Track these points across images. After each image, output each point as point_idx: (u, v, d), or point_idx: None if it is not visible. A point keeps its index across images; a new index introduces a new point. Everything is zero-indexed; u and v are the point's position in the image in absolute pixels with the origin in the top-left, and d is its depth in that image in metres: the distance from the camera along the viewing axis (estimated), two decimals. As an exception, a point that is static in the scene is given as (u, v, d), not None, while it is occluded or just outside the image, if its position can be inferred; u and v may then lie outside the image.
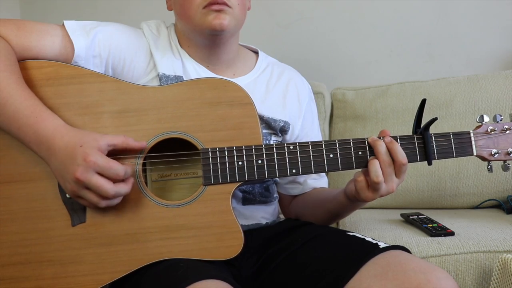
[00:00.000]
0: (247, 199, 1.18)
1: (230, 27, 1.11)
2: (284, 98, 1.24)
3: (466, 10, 1.99)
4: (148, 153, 1.02)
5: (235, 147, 1.02)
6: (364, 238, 1.03)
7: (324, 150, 1.04)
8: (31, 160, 0.99)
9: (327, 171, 1.05)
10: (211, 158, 1.01)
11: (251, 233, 1.13)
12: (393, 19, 2.04)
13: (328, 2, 2.07)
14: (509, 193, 1.63)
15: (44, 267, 0.98)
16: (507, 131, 1.08)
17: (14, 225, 0.99)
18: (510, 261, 1.07)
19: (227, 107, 1.04)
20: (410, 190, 1.70)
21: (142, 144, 0.99)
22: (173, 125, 1.02)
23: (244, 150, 1.02)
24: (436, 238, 1.23)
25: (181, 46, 1.19)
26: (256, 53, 1.30)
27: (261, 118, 1.16)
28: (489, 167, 1.08)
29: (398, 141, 1.04)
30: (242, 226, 1.02)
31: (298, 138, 1.26)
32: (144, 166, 1.04)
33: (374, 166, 1.00)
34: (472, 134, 1.08)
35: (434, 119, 1.04)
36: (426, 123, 1.05)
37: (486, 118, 1.08)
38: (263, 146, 1.03)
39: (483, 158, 1.08)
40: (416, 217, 1.41)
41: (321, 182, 1.29)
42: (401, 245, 1.00)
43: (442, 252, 1.18)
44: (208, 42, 1.16)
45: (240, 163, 1.02)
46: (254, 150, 1.02)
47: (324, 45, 2.08)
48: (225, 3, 1.10)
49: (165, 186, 1.09)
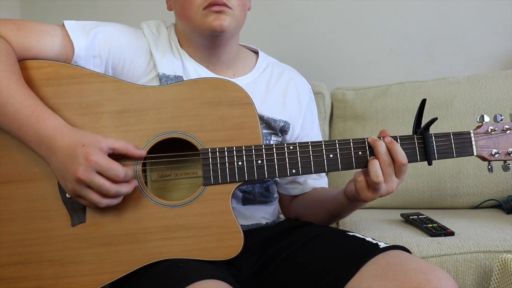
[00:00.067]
0: (247, 199, 1.18)
1: (230, 28, 1.11)
2: (284, 98, 1.24)
3: (466, 10, 1.99)
4: (148, 153, 1.02)
5: (235, 147, 1.02)
6: (364, 238, 1.03)
7: (324, 150, 1.04)
8: (31, 160, 0.99)
9: (327, 171, 1.05)
10: (211, 158, 1.01)
11: (251, 233, 1.13)
12: (393, 19, 2.04)
13: (328, 2, 2.07)
14: (509, 193, 1.63)
15: (44, 267, 0.98)
16: (508, 131, 1.08)
17: (14, 225, 0.99)
18: (510, 261, 1.07)
19: (227, 107, 1.04)
20: (410, 190, 1.70)
21: (141, 153, 0.99)
22: (173, 125, 1.02)
23: (244, 150, 1.02)
24: (436, 238, 1.23)
25: (181, 46, 1.19)
26: (256, 53, 1.30)
27: (261, 118, 1.16)
28: (489, 167, 1.08)
29: (398, 141, 1.04)
30: (242, 226, 1.02)
31: (298, 138, 1.26)
32: (144, 166, 1.04)
33: (374, 166, 1.00)
34: (472, 134, 1.07)
35: (434, 119, 1.04)
36: (426, 123, 1.05)
37: (487, 118, 1.08)
38: (263, 146, 1.03)
39: (484, 158, 1.08)
40: (416, 217, 1.41)
41: (321, 182, 1.29)
42: (401, 245, 1.00)
43: (442, 252, 1.18)
44: (208, 42, 1.16)
45: (240, 163, 1.02)
46: (254, 150, 1.02)
47: (324, 45, 2.08)
48: (225, 4, 1.09)
49: (165, 186, 1.09)
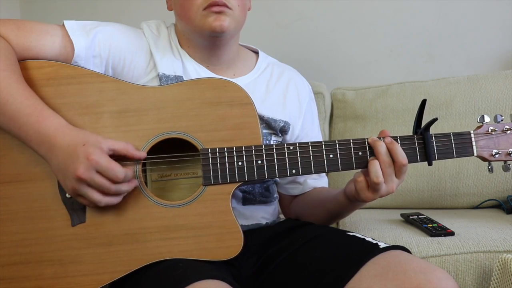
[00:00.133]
0: (247, 199, 1.18)
1: (230, 29, 1.11)
2: (284, 98, 1.24)
3: (466, 10, 1.99)
4: (148, 153, 1.01)
5: (235, 148, 1.02)
6: (364, 238, 1.03)
7: (324, 150, 1.04)
8: (31, 160, 0.99)
9: (327, 172, 1.05)
10: (211, 158, 1.01)
11: (251, 233, 1.13)
12: (393, 19, 2.04)
13: (328, 2, 2.07)
14: (509, 193, 1.63)
15: (44, 267, 0.98)
16: (508, 132, 1.07)
17: (14, 225, 0.99)
18: (510, 261, 1.07)
19: (227, 107, 1.04)
20: (410, 190, 1.70)
21: (141, 154, 0.99)
22: (173, 125, 1.02)
23: (244, 151, 1.02)
24: (436, 238, 1.23)
25: (181, 46, 1.19)
26: (256, 53, 1.30)
27: (261, 118, 1.16)
28: (489, 168, 1.08)
29: (399, 141, 1.04)
30: (242, 226, 1.02)
31: (298, 138, 1.26)
32: (144, 166, 1.04)
33: (374, 166, 1.00)
34: (472, 135, 1.07)
35: (435, 120, 1.04)
36: (427, 124, 1.05)
37: (487, 119, 1.08)
38: (263, 146, 1.03)
39: (484, 159, 1.08)
40: (416, 217, 1.41)
41: (321, 182, 1.29)
42: (401, 245, 1.00)
43: (442, 252, 1.18)
44: (208, 43, 1.16)
45: (240, 164, 1.02)
46: (254, 150, 1.02)
47: (324, 45, 2.08)
48: (225, 5, 1.09)
49: (165, 186, 1.09)
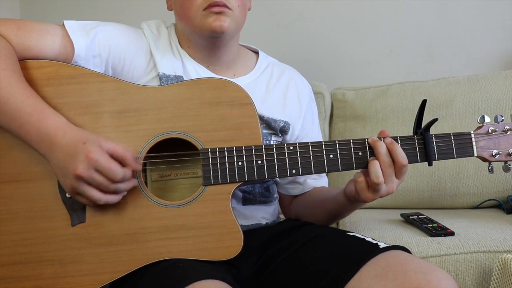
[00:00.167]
0: (247, 199, 1.18)
1: (230, 29, 1.11)
2: (284, 98, 1.24)
3: (466, 10, 1.99)
4: (148, 153, 1.02)
5: (235, 147, 1.02)
6: (364, 238, 1.03)
7: (324, 150, 1.04)
8: (32, 159, 0.99)
9: (327, 172, 1.05)
10: (211, 158, 1.01)
11: (251, 233, 1.13)
12: (393, 19, 2.04)
13: (328, 2, 2.07)
14: (509, 193, 1.63)
15: (43, 267, 0.98)
16: (508, 132, 1.07)
17: (14, 224, 0.99)
18: (510, 261, 1.07)
19: (227, 107, 1.03)
20: (410, 190, 1.70)
21: (137, 167, 0.97)
22: (173, 125, 1.02)
23: (244, 151, 1.02)
24: (436, 238, 1.23)
25: (181, 46, 1.19)
26: (256, 53, 1.30)
27: (261, 118, 1.16)
28: (489, 168, 1.08)
29: (399, 141, 1.04)
30: (242, 226, 1.02)
31: (298, 138, 1.26)
32: (144, 166, 1.04)
33: (375, 167, 1.00)
34: (473, 135, 1.07)
35: (435, 120, 1.04)
36: (427, 124, 1.05)
37: (487, 119, 1.08)
38: (263, 146, 1.03)
39: (484, 159, 1.08)
40: (416, 217, 1.41)
41: (321, 182, 1.29)
42: (401, 245, 1.00)
43: (442, 252, 1.18)
44: (208, 43, 1.16)
45: (240, 164, 1.02)
46: (254, 150, 1.02)
47: (324, 45, 2.08)
48: (225, 5, 1.09)
49: (165, 186, 1.09)
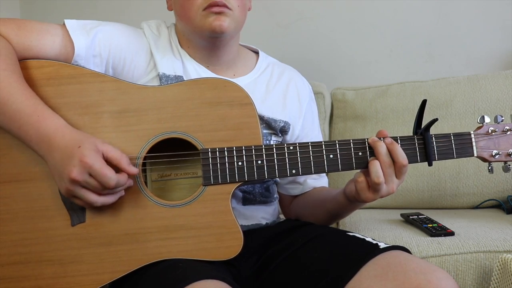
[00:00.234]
0: (247, 199, 1.18)
1: (230, 29, 1.11)
2: (284, 98, 1.24)
3: (466, 10, 1.99)
4: (148, 153, 1.01)
5: (235, 147, 1.02)
6: (364, 239, 1.03)
7: (324, 150, 1.04)
8: (32, 159, 0.99)
9: (327, 172, 1.05)
10: (211, 158, 1.01)
11: (251, 233, 1.13)
12: (393, 19, 2.04)
13: (328, 2, 2.07)
14: (509, 193, 1.63)
15: (43, 267, 0.98)
16: (508, 132, 1.07)
17: (14, 224, 0.99)
18: (510, 261, 1.07)
19: (227, 107, 1.03)
20: (410, 190, 1.70)
21: (134, 170, 0.96)
22: (173, 125, 1.02)
23: (244, 151, 1.02)
24: (436, 238, 1.23)
25: (181, 46, 1.19)
26: (256, 53, 1.30)
27: (261, 118, 1.16)
28: (489, 168, 1.08)
29: (399, 141, 1.04)
30: (242, 226, 1.02)
31: (299, 139, 1.26)
32: (144, 166, 1.04)
33: (375, 166, 1.00)
34: (472, 135, 1.07)
35: (435, 120, 1.04)
36: (427, 124, 1.05)
37: (487, 119, 1.08)
38: (263, 146, 1.03)
39: (484, 159, 1.08)
40: (416, 217, 1.41)
41: (321, 182, 1.29)
42: (401, 245, 1.00)
43: (442, 252, 1.18)
44: (208, 43, 1.16)
45: (240, 164, 1.01)
46: (254, 150, 1.02)
47: (324, 45, 2.08)
48: (225, 5, 1.09)
49: (164, 186, 1.09)
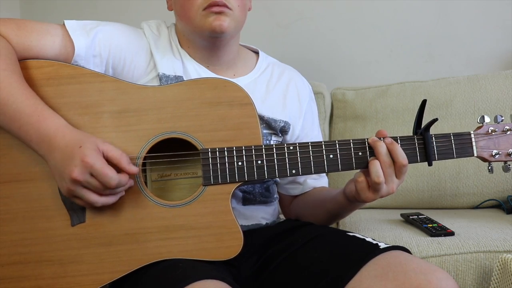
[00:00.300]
0: (247, 199, 1.18)
1: (230, 29, 1.11)
2: (284, 98, 1.24)
3: (466, 10, 1.99)
4: (148, 153, 1.01)
5: (235, 147, 1.02)
6: (364, 239, 1.03)
7: (324, 150, 1.04)
8: (31, 159, 0.99)
9: (327, 172, 1.05)
10: (211, 158, 1.01)
11: (251, 233, 1.13)
12: (393, 19, 2.04)
13: (328, 2, 2.07)
14: (509, 193, 1.63)
15: (43, 267, 0.98)
16: (508, 132, 1.07)
17: (13, 224, 0.99)
18: (510, 261, 1.07)
19: (227, 107, 1.03)
20: (410, 190, 1.70)
21: (134, 169, 0.96)
22: (173, 125, 1.02)
23: (244, 151, 1.02)
24: (436, 238, 1.23)
25: (181, 46, 1.19)
26: (256, 53, 1.30)
27: (261, 118, 1.16)
28: (489, 168, 1.08)
29: (399, 141, 1.04)
30: (242, 226, 1.02)
31: (299, 139, 1.26)
32: (144, 166, 1.04)
33: (375, 166, 1.00)
34: (472, 135, 1.07)
35: (435, 120, 1.04)
36: (427, 124, 1.05)
37: (487, 119, 1.08)
38: (263, 146, 1.03)
39: (484, 159, 1.08)
40: (416, 217, 1.41)
41: (321, 182, 1.29)
42: (401, 245, 1.00)
43: (442, 252, 1.18)
44: (208, 43, 1.16)
45: (240, 164, 1.01)
46: (254, 150, 1.02)
47: (324, 45, 2.08)
48: (225, 5, 1.09)
49: (164, 186, 1.09)
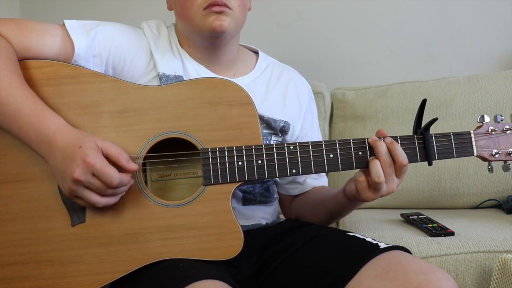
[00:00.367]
0: (247, 199, 1.18)
1: (230, 29, 1.11)
2: (284, 98, 1.24)
3: (466, 10, 1.99)
4: (148, 153, 1.01)
5: (235, 147, 1.02)
6: (364, 239, 1.03)
7: (324, 150, 1.04)
8: (31, 160, 0.99)
9: (327, 171, 1.05)
10: (211, 158, 1.01)
11: (251, 233, 1.13)
12: (393, 19, 2.04)
13: (328, 2, 2.07)
14: (509, 193, 1.63)
15: (43, 267, 0.98)
16: (508, 131, 1.07)
17: (13, 225, 0.98)
18: (510, 261, 1.07)
19: (227, 107, 1.03)
20: (410, 190, 1.70)
21: (133, 167, 0.95)
22: (173, 125, 1.02)
23: (244, 150, 1.02)
24: (436, 238, 1.23)
25: (181, 46, 1.19)
26: (256, 53, 1.30)
27: (261, 118, 1.16)
28: (489, 168, 1.08)
29: (399, 141, 1.04)
30: (242, 226, 1.02)
31: (298, 138, 1.26)
32: (144, 166, 1.04)
33: (375, 166, 1.00)
34: (472, 134, 1.07)
35: (435, 119, 1.04)
36: (427, 123, 1.05)
37: (487, 118, 1.08)
38: (263, 146, 1.03)
39: (484, 159, 1.08)
40: (416, 217, 1.41)
41: (320, 181, 1.29)
42: (401, 245, 1.00)
43: (442, 252, 1.18)
44: (208, 43, 1.16)
45: (240, 163, 1.01)
46: (254, 150, 1.02)
47: (324, 45, 2.08)
48: (225, 5, 1.09)
49: (165, 186, 1.09)
